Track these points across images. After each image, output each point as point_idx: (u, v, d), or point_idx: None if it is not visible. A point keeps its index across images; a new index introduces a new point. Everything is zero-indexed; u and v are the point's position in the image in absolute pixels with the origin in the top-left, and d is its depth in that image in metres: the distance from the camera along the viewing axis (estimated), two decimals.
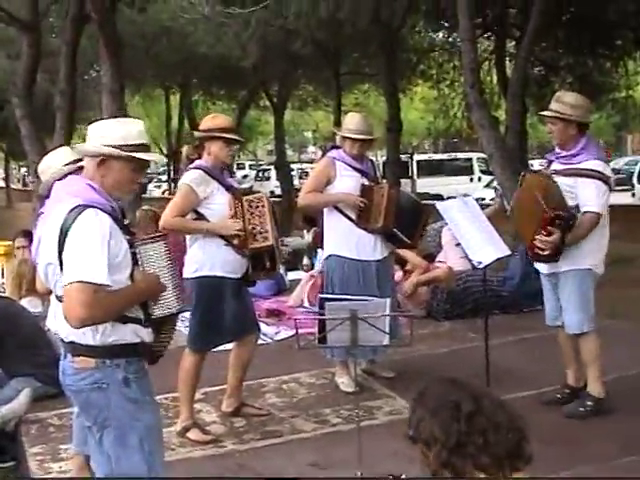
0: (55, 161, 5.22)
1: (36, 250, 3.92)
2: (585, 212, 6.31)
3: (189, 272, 6.29)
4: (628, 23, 17.67)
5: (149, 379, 4.03)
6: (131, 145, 3.83)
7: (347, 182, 7.24)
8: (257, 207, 6.27)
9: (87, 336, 3.74)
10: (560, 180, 6.39)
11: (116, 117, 11.32)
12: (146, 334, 3.92)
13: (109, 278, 3.60)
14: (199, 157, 6.37)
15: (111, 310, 3.71)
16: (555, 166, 6.56)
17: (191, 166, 6.40)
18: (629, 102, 21.96)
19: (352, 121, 7.33)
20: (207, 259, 6.26)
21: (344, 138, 7.27)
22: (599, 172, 6.33)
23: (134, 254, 3.85)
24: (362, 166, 7.33)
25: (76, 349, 3.80)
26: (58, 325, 3.88)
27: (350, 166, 7.25)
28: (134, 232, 4.04)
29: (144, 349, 3.94)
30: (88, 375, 3.79)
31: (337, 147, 7.47)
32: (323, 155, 8.11)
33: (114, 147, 3.80)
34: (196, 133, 6.67)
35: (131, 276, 3.78)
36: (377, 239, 7.30)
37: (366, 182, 7.30)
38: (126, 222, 3.92)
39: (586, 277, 6.48)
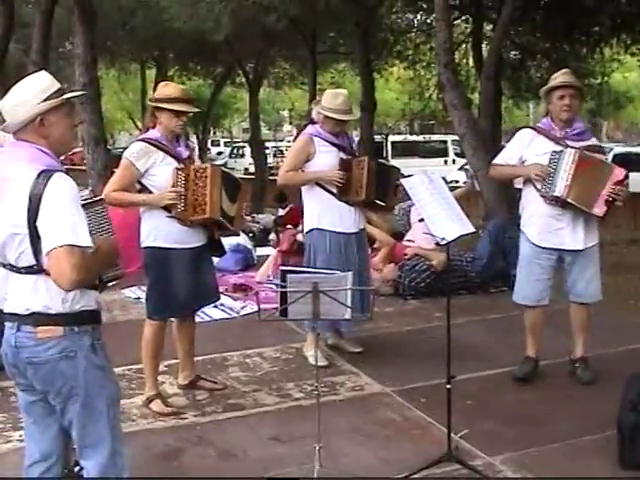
0: None
1: None
2: None
3: (141, 242, 6.31)
4: (605, 9, 17.65)
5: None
6: (54, 93, 3.75)
7: (326, 158, 7.21)
8: (201, 177, 6.08)
9: (56, 304, 3.66)
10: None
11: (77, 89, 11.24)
12: (100, 299, 3.92)
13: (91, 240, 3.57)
14: (154, 126, 6.26)
15: (94, 273, 3.71)
16: (572, 144, 6.58)
17: (137, 137, 6.39)
18: (604, 88, 21.96)
19: (335, 101, 7.15)
20: (151, 230, 6.23)
21: (326, 118, 7.17)
22: (602, 147, 6.95)
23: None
24: (340, 141, 7.30)
25: (40, 319, 3.68)
26: (15, 299, 3.72)
27: (328, 142, 7.22)
28: None
29: (100, 315, 3.93)
30: (54, 344, 3.69)
31: (313, 122, 7.38)
32: (298, 134, 8.01)
33: (44, 102, 3.72)
34: (148, 102, 6.59)
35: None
36: (356, 211, 7.34)
37: (344, 156, 7.27)
38: None
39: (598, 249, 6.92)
